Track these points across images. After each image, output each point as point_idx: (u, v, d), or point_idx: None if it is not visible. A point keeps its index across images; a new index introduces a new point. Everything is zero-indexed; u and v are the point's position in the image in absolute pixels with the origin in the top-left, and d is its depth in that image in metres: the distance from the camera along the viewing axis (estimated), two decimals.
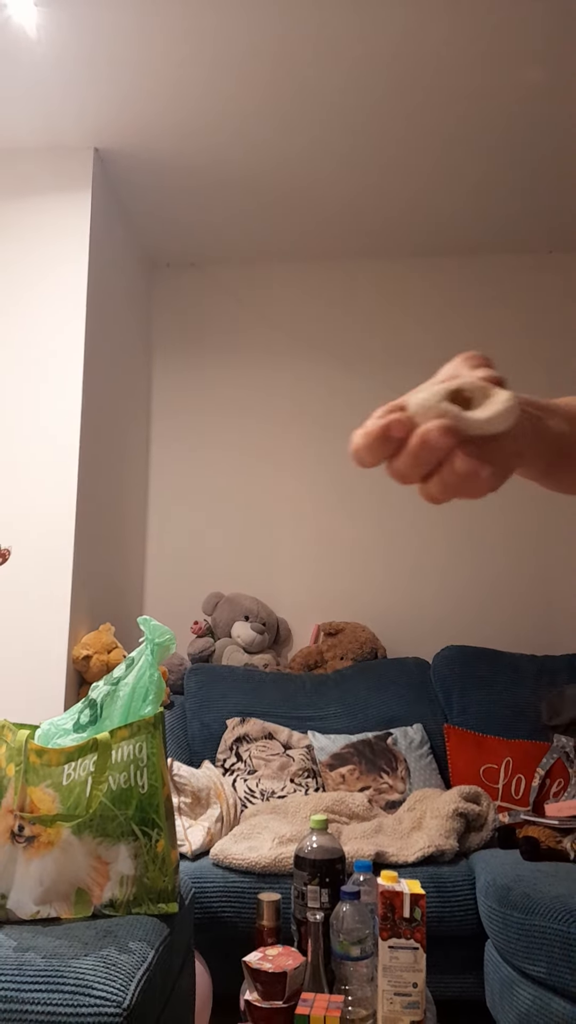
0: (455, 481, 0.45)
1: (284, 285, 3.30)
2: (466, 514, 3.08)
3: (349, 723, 2.50)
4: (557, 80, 2.27)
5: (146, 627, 1.44)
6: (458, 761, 2.36)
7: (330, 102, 2.38)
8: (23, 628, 2.32)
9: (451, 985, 1.76)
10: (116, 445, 2.81)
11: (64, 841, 1.30)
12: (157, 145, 2.57)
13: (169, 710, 2.54)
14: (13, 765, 1.35)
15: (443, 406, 0.45)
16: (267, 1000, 1.21)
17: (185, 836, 1.93)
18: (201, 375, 3.27)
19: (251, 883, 1.78)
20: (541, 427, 0.52)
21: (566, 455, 0.55)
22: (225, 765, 2.33)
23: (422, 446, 0.45)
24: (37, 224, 2.55)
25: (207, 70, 2.25)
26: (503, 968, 1.62)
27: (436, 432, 0.44)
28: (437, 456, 0.45)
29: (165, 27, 2.10)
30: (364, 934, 1.28)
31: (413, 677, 2.62)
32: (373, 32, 2.11)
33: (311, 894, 1.45)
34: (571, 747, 2.25)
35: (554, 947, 1.46)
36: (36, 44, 2.15)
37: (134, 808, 1.32)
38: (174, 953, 1.30)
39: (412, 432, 0.45)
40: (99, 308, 2.63)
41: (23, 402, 2.45)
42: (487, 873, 1.73)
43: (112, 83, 2.30)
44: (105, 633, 2.40)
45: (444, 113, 2.42)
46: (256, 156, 2.63)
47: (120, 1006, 1.02)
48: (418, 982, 1.23)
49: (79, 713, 1.49)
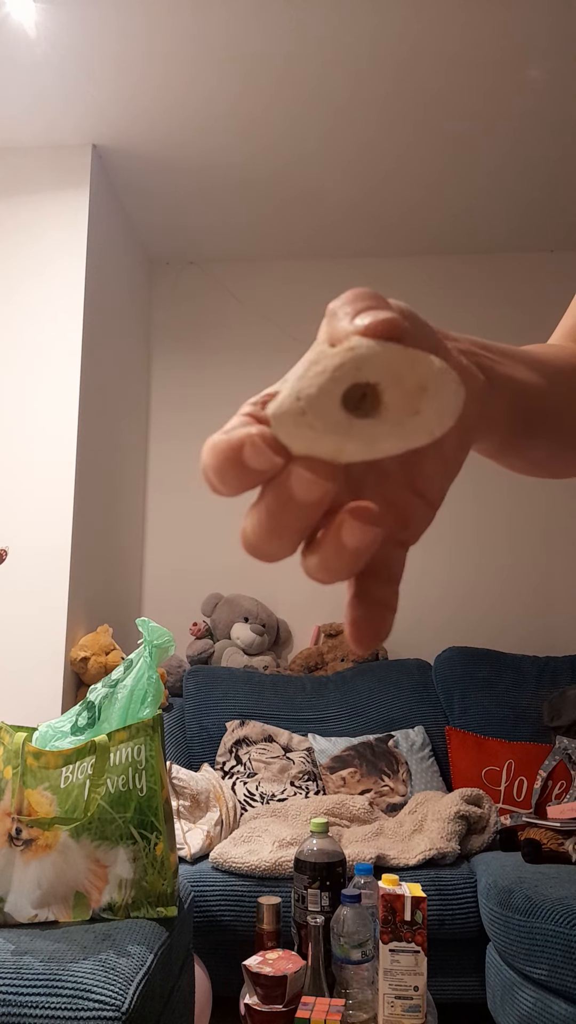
0: (347, 560, 0.27)
1: (284, 283, 3.30)
2: (467, 514, 3.07)
3: (350, 725, 2.49)
4: (560, 80, 2.27)
5: (144, 629, 1.43)
6: (460, 763, 2.35)
7: (331, 102, 2.37)
8: (20, 629, 2.31)
9: (452, 988, 1.75)
10: (114, 444, 2.80)
11: (62, 844, 1.29)
12: (157, 143, 2.56)
13: (168, 712, 2.53)
14: (10, 768, 1.34)
15: (333, 416, 0.25)
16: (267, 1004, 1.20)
17: (184, 839, 1.91)
18: (200, 374, 3.26)
19: (251, 886, 1.77)
20: (497, 379, 0.36)
21: (535, 420, 0.39)
22: (224, 768, 2.32)
23: (281, 505, 0.26)
24: (35, 221, 2.54)
25: (208, 68, 2.24)
26: (504, 971, 1.61)
27: (303, 484, 0.26)
28: (307, 520, 0.26)
29: (165, 25, 2.09)
30: (365, 937, 1.27)
31: (414, 679, 2.61)
32: (376, 33, 2.11)
33: (311, 897, 1.44)
34: (573, 749, 2.24)
35: (556, 950, 1.45)
36: (35, 41, 2.15)
37: (133, 811, 1.31)
38: (173, 957, 1.29)
39: (275, 464, 0.26)
40: (97, 306, 2.63)
41: (20, 400, 2.44)
42: (488, 876, 1.72)
43: (111, 80, 2.29)
44: (103, 634, 2.39)
45: (447, 113, 2.41)
46: (257, 155, 2.63)
47: (119, 1010, 1.01)
48: (419, 985, 1.22)
49: (77, 715, 1.48)
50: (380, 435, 0.26)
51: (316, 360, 0.26)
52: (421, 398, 0.26)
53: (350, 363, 0.25)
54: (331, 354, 0.26)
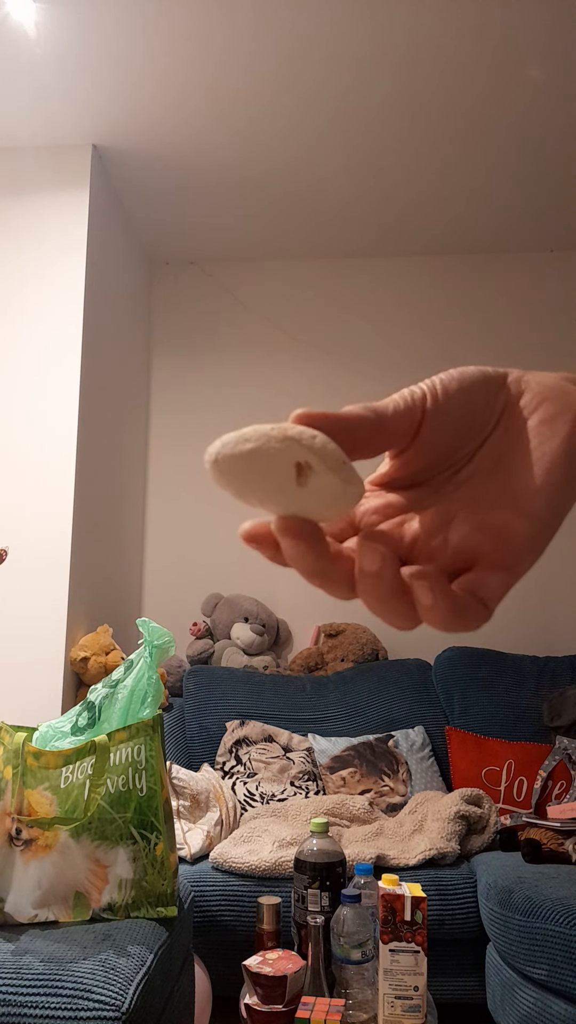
0: (369, 584, 0.30)
1: (284, 284, 3.30)
2: None
3: (350, 725, 2.49)
4: (559, 80, 2.27)
5: (145, 629, 1.43)
6: (460, 763, 2.35)
7: (331, 101, 2.37)
8: (20, 629, 2.31)
9: (452, 988, 1.75)
10: (114, 444, 2.80)
11: (62, 844, 1.29)
12: (156, 143, 2.56)
13: (168, 712, 2.53)
14: (10, 768, 1.34)
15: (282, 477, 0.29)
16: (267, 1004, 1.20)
17: (184, 840, 1.91)
18: (200, 374, 3.26)
19: (251, 886, 1.77)
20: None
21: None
22: (224, 768, 2.32)
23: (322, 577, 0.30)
24: (35, 221, 2.54)
25: (208, 68, 2.24)
26: (504, 971, 1.61)
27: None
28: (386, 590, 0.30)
29: (165, 25, 2.09)
30: (365, 937, 1.27)
31: (414, 678, 2.61)
32: (376, 33, 2.11)
33: (311, 897, 1.44)
34: (573, 749, 2.24)
35: (556, 950, 1.45)
36: (35, 41, 2.15)
37: (133, 811, 1.31)
38: (173, 957, 1.29)
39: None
40: (97, 306, 2.63)
41: (20, 400, 2.44)
42: (488, 876, 1.72)
43: (111, 80, 2.29)
44: (103, 634, 2.39)
45: (446, 113, 2.41)
46: (257, 155, 2.63)
47: (119, 1010, 1.01)
48: (419, 985, 1.22)
49: (77, 715, 1.48)
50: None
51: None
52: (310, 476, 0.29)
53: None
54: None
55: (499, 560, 0.30)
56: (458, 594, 0.29)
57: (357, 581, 0.30)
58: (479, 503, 0.31)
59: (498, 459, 0.32)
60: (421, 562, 0.31)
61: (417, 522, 0.33)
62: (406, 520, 0.33)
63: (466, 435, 0.32)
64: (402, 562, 0.32)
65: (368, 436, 0.31)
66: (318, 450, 0.28)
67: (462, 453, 0.33)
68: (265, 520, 0.31)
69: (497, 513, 0.31)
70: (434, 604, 0.29)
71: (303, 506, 0.29)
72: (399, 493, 0.34)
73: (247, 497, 0.29)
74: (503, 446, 0.32)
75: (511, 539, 0.30)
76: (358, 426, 0.30)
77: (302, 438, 0.28)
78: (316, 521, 0.30)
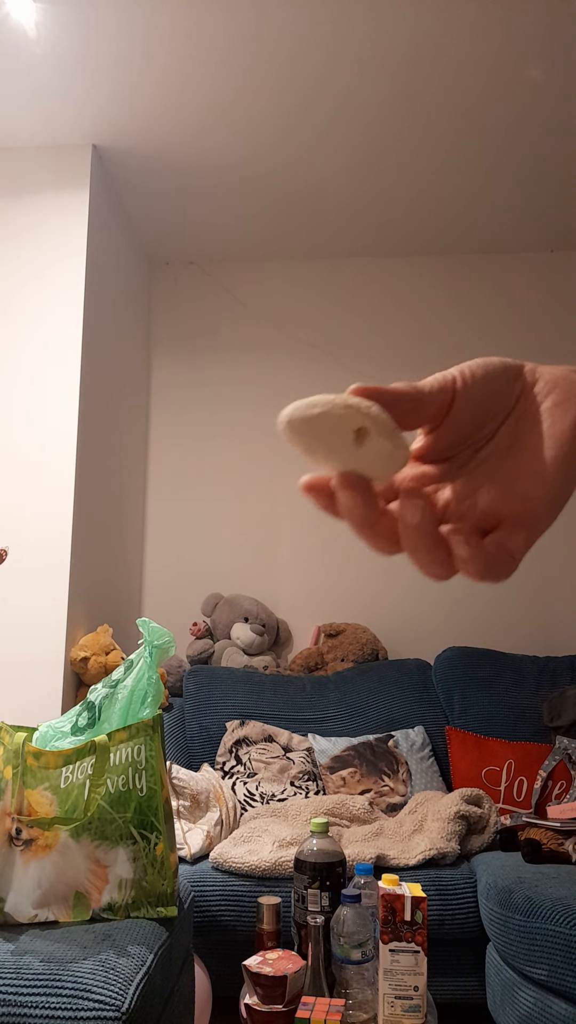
0: (411, 536, 0.35)
1: (284, 284, 3.30)
2: None
3: (350, 725, 2.49)
4: (559, 80, 2.27)
5: (145, 629, 1.43)
6: (460, 763, 2.35)
7: (331, 101, 2.37)
8: (20, 629, 2.31)
9: (452, 988, 1.75)
10: (114, 444, 2.80)
11: (62, 844, 1.29)
12: (156, 143, 2.56)
13: (168, 712, 2.53)
14: (10, 768, 1.34)
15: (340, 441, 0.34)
16: (267, 1004, 1.20)
17: (184, 839, 1.91)
18: (200, 374, 3.26)
19: (251, 886, 1.77)
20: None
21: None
22: (224, 768, 2.32)
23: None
24: (35, 221, 2.54)
25: (208, 68, 2.24)
26: (504, 971, 1.61)
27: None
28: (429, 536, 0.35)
29: (166, 25, 2.09)
30: (365, 937, 1.27)
31: (414, 679, 2.61)
32: (376, 32, 2.11)
33: (311, 897, 1.44)
34: (573, 749, 2.24)
35: (556, 950, 1.45)
36: (35, 41, 2.15)
37: (132, 811, 1.31)
38: (173, 957, 1.29)
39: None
40: (97, 306, 2.63)
41: (20, 401, 2.44)
42: (488, 876, 1.72)
43: (111, 80, 2.29)
44: (103, 634, 2.39)
45: (447, 113, 2.41)
46: (257, 155, 2.63)
47: (119, 1010, 1.01)
48: (419, 985, 1.22)
49: (77, 716, 1.48)
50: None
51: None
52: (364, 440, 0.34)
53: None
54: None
55: (522, 520, 0.36)
56: (490, 548, 0.35)
57: (400, 533, 0.35)
58: (500, 476, 0.37)
59: (516, 438, 0.37)
60: (453, 523, 0.37)
61: (449, 490, 0.39)
62: (439, 489, 0.39)
63: (489, 415, 0.37)
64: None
65: (411, 408, 0.36)
66: (374, 417, 0.33)
67: (485, 432, 0.38)
68: (323, 474, 0.36)
69: (517, 483, 0.36)
70: (470, 556, 0.34)
71: (359, 464, 0.34)
72: (432, 465, 0.39)
73: (313, 453, 0.34)
74: (520, 427, 0.37)
75: (531, 503, 0.36)
76: (403, 399, 0.36)
77: (360, 406, 0.33)
78: (369, 479, 0.35)
